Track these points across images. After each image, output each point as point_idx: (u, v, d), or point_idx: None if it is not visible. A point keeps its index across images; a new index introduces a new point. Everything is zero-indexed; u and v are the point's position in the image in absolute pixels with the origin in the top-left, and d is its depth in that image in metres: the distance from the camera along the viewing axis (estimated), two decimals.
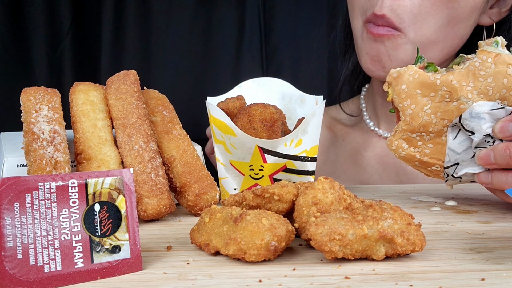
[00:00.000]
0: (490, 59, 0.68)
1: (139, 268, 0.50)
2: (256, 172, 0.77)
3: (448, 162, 0.73)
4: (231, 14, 1.92)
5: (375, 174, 1.13)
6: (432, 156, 0.74)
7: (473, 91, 0.68)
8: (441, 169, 0.74)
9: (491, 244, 0.58)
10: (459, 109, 0.69)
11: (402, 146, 0.75)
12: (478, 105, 0.68)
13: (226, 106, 0.79)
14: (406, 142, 0.74)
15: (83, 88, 0.73)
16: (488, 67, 0.68)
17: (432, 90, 0.70)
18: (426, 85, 0.70)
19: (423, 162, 0.75)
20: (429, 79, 0.70)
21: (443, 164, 0.74)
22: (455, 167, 0.73)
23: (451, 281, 0.47)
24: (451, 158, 0.72)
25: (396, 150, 0.75)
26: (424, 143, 0.73)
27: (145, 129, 0.71)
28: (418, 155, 0.74)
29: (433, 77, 0.70)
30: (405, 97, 0.72)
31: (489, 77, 0.68)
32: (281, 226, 0.52)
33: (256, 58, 1.93)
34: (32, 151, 0.64)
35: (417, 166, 0.76)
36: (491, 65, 0.67)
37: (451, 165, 0.73)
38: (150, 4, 1.89)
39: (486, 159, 0.69)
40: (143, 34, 1.90)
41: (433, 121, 0.71)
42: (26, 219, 0.46)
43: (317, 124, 0.76)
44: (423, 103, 0.71)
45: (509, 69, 0.67)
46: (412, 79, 0.71)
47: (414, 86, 0.71)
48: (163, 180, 0.69)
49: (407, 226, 0.52)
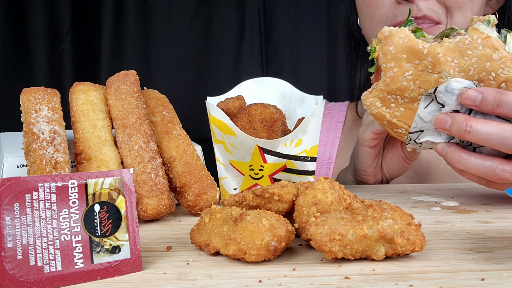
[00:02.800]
0: (479, 39, 0.69)
1: (139, 269, 0.50)
2: (256, 172, 0.77)
3: (413, 128, 0.76)
4: (231, 14, 1.92)
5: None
6: (400, 120, 0.76)
7: (455, 68, 0.70)
8: (405, 133, 0.77)
9: (491, 244, 0.58)
10: (438, 82, 0.71)
11: (375, 104, 0.77)
12: (456, 81, 0.70)
13: (226, 106, 0.79)
14: (380, 101, 0.76)
15: (83, 88, 0.73)
16: (476, 47, 0.69)
17: (417, 58, 0.71)
18: (413, 52, 0.71)
19: (391, 123, 0.77)
20: (418, 47, 0.71)
21: (408, 129, 0.76)
22: (419, 133, 0.76)
23: (451, 281, 0.47)
24: (417, 124, 0.75)
25: (369, 107, 0.77)
26: (397, 106, 0.75)
27: (145, 129, 0.71)
28: (388, 115, 0.76)
29: (422, 45, 0.71)
30: (390, 59, 0.73)
31: (474, 58, 0.69)
32: (281, 226, 0.52)
33: (256, 58, 1.93)
34: (32, 151, 0.64)
35: (384, 125, 0.79)
36: (479, 46, 0.68)
37: (416, 131, 0.76)
38: (150, 4, 1.89)
39: (442, 123, 0.72)
40: (143, 34, 1.90)
41: (410, 88, 0.73)
42: (26, 220, 0.46)
43: (317, 124, 0.76)
44: (405, 68, 0.72)
45: (495, 54, 0.68)
46: (401, 42, 0.72)
47: (401, 50, 0.72)
48: (163, 180, 0.69)
49: (407, 226, 0.52)
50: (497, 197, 0.84)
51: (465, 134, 0.69)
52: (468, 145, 0.73)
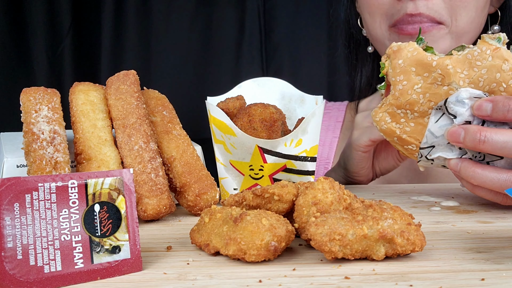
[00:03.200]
0: (489, 51, 0.68)
1: (139, 269, 0.50)
2: (256, 172, 0.77)
3: (424, 144, 0.74)
4: (231, 14, 1.92)
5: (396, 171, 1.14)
6: (411, 135, 0.74)
7: (465, 79, 0.69)
8: (416, 149, 0.75)
9: (491, 244, 0.58)
10: (448, 94, 0.70)
11: (385, 119, 0.75)
12: (466, 90, 0.69)
13: (226, 106, 0.79)
14: (390, 116, 0.75)
15: (83, 88, 0.73)
16: (485, 58, 0.68)
17: (426, 71, 0.71)
18: (422, 64, 0.71)
19: (402, 139, 0.75)
20: (426, 59, 0.70)
21: (419, 145, 0.75)
22: (430, 149, 0.74)
23: (451, 281, 0.47)
24: (428, 140, 0.73)
25: (378, 122, 0.76)
26: (407, 121, 0.74)
27: (145, 129, 0.71)
28: (398, 131, 0.75)
29: (431, 58, 0.70)
30: (399, 72, 0.72)
31: (484, 69, 0.68)
32: (281, 226, 0.52)
33: (256, 58, 1.93)
34: (32, 151, 0.64)
35: (394, 142, 0.77)
36: (489, 58, 0.68)
37: (427, 147, 0.74)
38: (150, 4, 1.89)
39: (455, 136, 0.70)
40: (143, 34, 1.90)
41: (420, 101, 0.71)
42: (26, 220, 0.46)
43: (317, 124, 0.76)
44: (415, 81, 0.71)
45: (505, 64, 0.67)
46: (410, 56, 0.71)
47: (410, 63, 0.71)
48: (163, 180, 0.69)
49: (407, 226, 0.52)
50: None
51: (479, 144, 0.67)
52: (481, 159, 0.71)
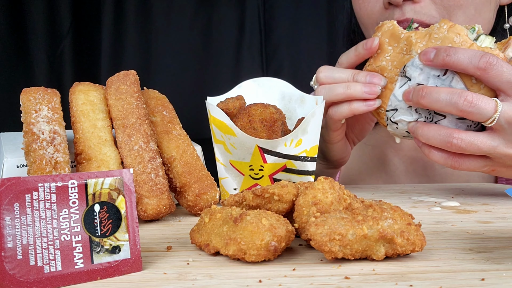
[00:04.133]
0: (446, 26, 0.77)
1: (139, 269, 0.50)
2: (256, 172, 0.77)
3: (389, 106, 0.82)
4: (231, 14, 1.92)
5: (400, 168, 1.14)
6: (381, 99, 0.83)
7: (423, 48, 0.78)
8: (384, 112, 0.83)
9: (491, 244, 0.58)
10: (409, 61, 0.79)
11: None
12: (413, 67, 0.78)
13: (226, 106, 0.79)
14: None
15: (83, 88, 0.73)
16: (442, 32, 0.77)
17: (396, 41, 0.81)
18: (394, 36, 0.82)
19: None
20: (397, 32, 0.81)
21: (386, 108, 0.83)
22: (394, 112, 0.81)
23: (451, 281, 0.47)
24: (392, 103, 0.81)
25: None
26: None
27: (145, 129, 0.71)
28: None
29: (401, 31, 0.81)
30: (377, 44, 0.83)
31: (439, 40, 0.77)
32: (281, 226, 0.52)
33: (256, 58, 1.93)
34: (32, 151, 0.64)
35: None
36: (444, 32, 0.77)
37: (391, 110, 0.82)
38: (150, 4, 1.89)
39: (406, 95, 0.78)
40: (143, 34, 1.90)
41: (388, 68, 0.82)
42: (26, 220, 0.46)
43: (317, 124, 0.76)
44: (386, 51, 0.82)
45: (457, 37, 0.76)
46: (387, 29, 0.83)
47: (385, 35, 0.82)
48: (163, 180, 0.69)
49: (407, 226, 0.52)
50: (497, 197, 0.84)
51: (421, 99, 0.74)
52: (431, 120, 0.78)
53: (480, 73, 0.72)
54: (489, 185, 0.99)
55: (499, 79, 0.71)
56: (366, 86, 0.81)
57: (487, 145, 0.73)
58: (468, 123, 0.76)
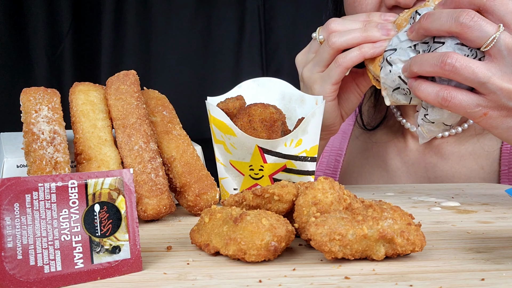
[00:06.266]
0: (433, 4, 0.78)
1: (139, 269, 0.50)
2: (256, 172, 0.77)
3: (389, 46, 0.79)
4: (231, 14, 1.92)
5: (402, 170, 1.13)
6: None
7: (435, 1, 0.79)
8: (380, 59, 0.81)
9: (491, 244, 0.58)
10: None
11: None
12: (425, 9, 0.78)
13: (226, 106, 0.79)
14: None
15: (83, 89, 0.73)
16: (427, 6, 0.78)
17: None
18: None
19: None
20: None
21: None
22: (392, 52, 0.79)
23: (451, 281, 0.47)
24: (393, 43, 0.79)
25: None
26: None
27: (145, 129, 0.71)
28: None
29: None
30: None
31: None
32: (281, 226, 0.52)
33: (256, 58, 1.93)
34: (32, 151, 0.64)
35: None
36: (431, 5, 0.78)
37: (390, 49, 0.79)
38: (150, 4, 1.89)
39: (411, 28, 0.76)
40: (143, 34, 1.90)
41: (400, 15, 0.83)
42: (26, 220, 0.46)
43: (317, 124, 0.76)
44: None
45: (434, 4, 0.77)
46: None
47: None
48: (163, 180, 0.69)
49: (407, 226, 0.52)
50: (497, 197, 0.84)
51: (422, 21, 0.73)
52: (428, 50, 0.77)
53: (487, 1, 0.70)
54: (489, 185, 0.99)
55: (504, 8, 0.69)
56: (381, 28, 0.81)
57: (483, 71, 0.69)
58: (467, 52, 0.72)
